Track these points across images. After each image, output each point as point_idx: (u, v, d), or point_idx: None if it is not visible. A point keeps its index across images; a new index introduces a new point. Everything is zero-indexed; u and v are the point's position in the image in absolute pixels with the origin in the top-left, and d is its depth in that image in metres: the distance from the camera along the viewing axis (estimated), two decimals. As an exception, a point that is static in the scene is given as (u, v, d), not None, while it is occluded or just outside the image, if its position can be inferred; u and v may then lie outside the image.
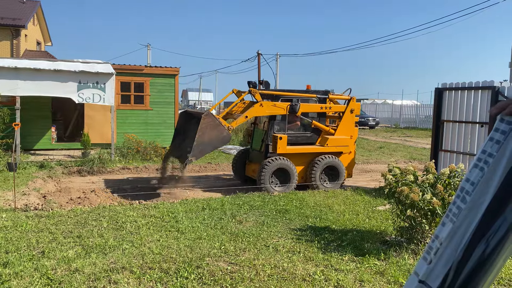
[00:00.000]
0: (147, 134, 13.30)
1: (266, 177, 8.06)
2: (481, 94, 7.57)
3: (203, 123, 7.60)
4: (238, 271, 4.16)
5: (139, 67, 13.66)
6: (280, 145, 8.16)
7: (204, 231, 5.39)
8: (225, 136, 7.81)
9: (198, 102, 43.96)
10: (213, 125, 7.72)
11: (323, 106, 8.74)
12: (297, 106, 8.23)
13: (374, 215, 6.38)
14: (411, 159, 13.55)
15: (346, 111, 8.87)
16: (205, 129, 7.60)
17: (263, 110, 8.28)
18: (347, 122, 8.86)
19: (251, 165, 9.12)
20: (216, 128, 7.73)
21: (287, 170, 8.24)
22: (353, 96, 9.08)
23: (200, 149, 7.63)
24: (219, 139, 7.80)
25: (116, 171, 10.67)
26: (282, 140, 8.18)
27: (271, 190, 8.08)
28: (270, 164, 8.10)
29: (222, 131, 7.77)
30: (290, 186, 8.27)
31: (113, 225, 5.63)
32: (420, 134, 24.43)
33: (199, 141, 7.54)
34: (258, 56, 21.74)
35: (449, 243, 0.86)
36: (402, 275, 4.12)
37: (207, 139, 7.65)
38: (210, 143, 7.73)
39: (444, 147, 8.31)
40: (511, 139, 0.83)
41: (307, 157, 8.59)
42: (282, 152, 8.22)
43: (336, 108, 9.00)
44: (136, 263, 4.28)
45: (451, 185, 4.75)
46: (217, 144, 7.92)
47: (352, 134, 8.90)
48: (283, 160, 8.20)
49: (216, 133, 7.72)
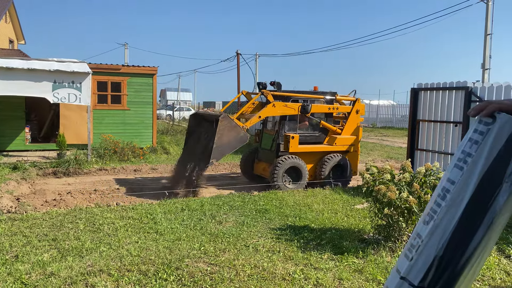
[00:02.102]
0: (125, 134, 13.10)
1: (279, 175, 8.31)
2: (455, 94, 7.76)
3: (221, 125, 7.82)
4: (218, 272, 4.14)
5: (116, 66, 13.44)
6: (292, 144, 8.45)
7: (183, 232, 5.35)
8: (242, 137, 8.02)
9: (177, 102, 43.58)
10: (230, 126, 7.96)
11: (330, 107, 9.08)
12: (309, 106, 8.50)
13: (353, 214, 6.46)
14: (388, 158, 13.78)
15: (352, 112, 9.26)
16: (223, 131, 7.83)
17: (275, 110, 8.55)
18: (352, 122, 9.25)
19: (260, 163, 9.37)
20: (233, 130, 7.97)
21: (298, 168, 8.53)
22: (358, 97, 9.48)
23: (220, 150, 7.84)
24: (237, 139, 8.01)
25: (93, 172, 10.47)
26: (294, 140, 8.47)
27: (284, 187, 8.35)
28: (283, 162, 8.36)
29: (239, 132, 8.00)
30: (301, 183, 8.55)
31: (90, 227, 5.52)
32: (397, 134, 24.88)
33: (218, 144, 7.77)
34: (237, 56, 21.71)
35: (429, 240, 0.87)
36: (380, 273, 4.18)
37: (226, 140, 7.88)
38: (229, 145, 7.96)
39: (420, 146, 8.49)
40: (488, 140, 0.85)
41: (316, 155, 8.90)
42: (294, 151, 8.49)
43: (343, 109, 9.39)
44: (114, 266, 4.21)
45: (427, 183, 4.85)
46: (236, 145, 8.06)
47: (358, 133, 9.29)
48: (295, 159, 8.48)
49: (234, 134, 7.96)
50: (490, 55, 18.01)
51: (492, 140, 0.85)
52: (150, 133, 13.82)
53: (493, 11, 17.81)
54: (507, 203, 0.86)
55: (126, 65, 14.48)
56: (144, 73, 13.68)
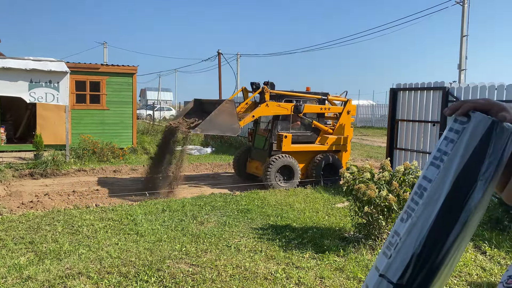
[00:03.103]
0: (104, 134, 12.90)
1: (272, 174, 8.40)
2: (433, 94, 7.92)
3: (224, 107, 7.91)
4: (200, 273, 4.12)
5: (95, 66, 13.23)
6: (285, 143, 8.56)
7: (164, 233, 5.30)
8: (235, 128, 7.99)
9: (157, 102, 43.16)
10: (231, 113, 7.98)
11: (322, 107, 9.25)
12: (302, 106, 8.64)
13: (333, 212, 6.52)
14: (368, 157, 13.96)
15: (343, 112, 9.45)
16: (222, 112, 7.86)
17: (268, 110, 8.62)
18: (344, 122, 9.43)
19: (253, 162, 9.45)
20: (231, 117, 7.97)
21: (291, 167, 8.63)
22: (349, 98, 9.67)
23: (210, 125, 7.81)
24: (229, 127, 7.96)
25: (71, 173, 10.28)
26: (287, 139, 8.59)
27: (277, 186, 8.45)
28: (276, 161, 8.44)
29: (235, 122, 7.99)
30: (294, 182, 8.65)
31: (68, 229, 5.42)
32: (376, 133, 25.22)
33: (213, 119, 7.77)
34: (219, 55, 21.64)
35: (407, 237, 0.89)
36: (360, 271, 4.23)
37: (220, 121, 7.85)
38: (220, 127, 7.91)
39: (399, 145, 8.63)
40: (464, 138, 0.87)
41: (308, 155, 9.02)
42: (286, 150, 8.60)
43: (335, 109, 9.58)
44: (93, 268, 4.15)
45: (406, 182, 4.93)
46: (225, 131, 8.03)
47: (348, 133, 9.46)
48: (288, 158, 8.57)
49: (229, 121, 7.94)
50: (466, 56, 18.43)
51: (467, 138, 0.87)
52: (130, 133, 13.64)
53: (469, 13, 18.24)
54: (482, 201, 0.88)
55: (105, 64, 14.27)
56: (124, 73, 13.50)
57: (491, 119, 0.88)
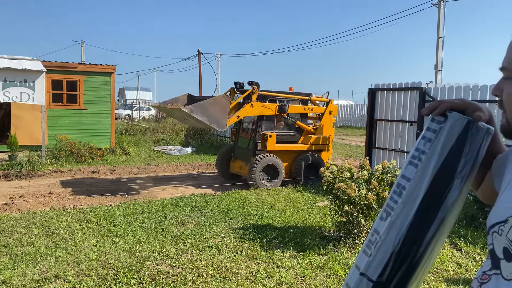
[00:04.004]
0: (82, 134, 12.66)
1: (257, 173, 8.44)
2: (410, 95, 8.06)
3: (220, 98, 8.03)
4: (180, 274, 4.09)
5: (72, 65, 12.97)
6: (270, 143, 8.64)
7: (144, 235, 5.24)
8: (222, 123, 7.86)
9: (136, 102, 42.63)
10: (224, 107, 7.97)
11: (306, 108, 9.37)
12: (286, 106, 8.75)
13: (314, 211, 6.57)
14: (347, 157, 14.11)
15: (326, 112, 9.59)
16: (217, 103, 7.87)
17: (253, 111, 8.65)
18: (326, 123, 9.55)
19: (236, 162, 9.47)
20: (223, 111, 7.92)
21: (275, 166, 8.70)
22: (331, 98, 9.83)
23: (198, 110, 7.62)
24: (216, 120, 7.82)
25: (47, 174, 10.05)
26: (271, 138, 8.66)
27: (262, 185, 8.49)
28: (261, 160, 8.49)
29: (224, 118, 7.91)
30: (278, 181, 8.70)
31: (44, 232, 5.30)
32: (355, 133, 25.53)
33: (205, 105, 7.70)
34: (199, 55, 21.53)
35: (387, 235, 0.90)
36: (341, 269, 4.28)
37: (211, 111, 7.76)
38: (208, 115, 7.74)
39: (377, 144, 8.75)
40: (441, 137, 0.89)
41: (292, 154, 9.12)
42: (271, 150, 8.68)
43: (317, 109, 9.69)
44: (70, 271, 4.07)
45: (384, 180, 5.01)
46: (212, 122, 7.78)
47: (330, 133, 9.60)
48: (272, 157, 8.63)
49: (220, 114, 7.87)
50: (442, 57, 18.84)
51: (444, 138, 0.89)
52: (108, 133, 13.43)
53: (445, 15, 18.65)
54: (458, 199, 0.90)
55: (83, 63, 14.01)
56: (102, 72, 13.28)
57: (467, 119, 0.90)
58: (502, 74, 0.90)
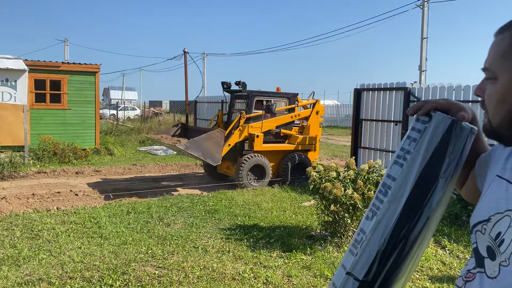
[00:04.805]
0: (65, 135, 12.48)
1: (244, 173, 8.46)
2: (395, 95, 8.15)
3: (214, 134, 8.18)
4: (167, 275, 4.06)
5: (56, 64, 12.77)
6: (257, 143, 8.65)
7: (129, 236, 5.19)
8: (216, 157, 8.05)
9: (121, 101, 42.20)
10: (218, 142, 8.17)
11: (293, 115, 9.44)
12: (273, 106, 8.79)
13: (300, 211, 6.59)
14: (333, 156, 14.20)
15: (312, 113, 9.63)
16: (210, 139, 8.07)
17: (243, 134, 8.72)
18: (313, 123, 9.60)
19: (224, 162, 9.41)
20: (217, 146, 8.13)
21: (262, 166, 8.72)
22: (318, 99, 9.93)
23: (193, 146, 7.84)
24: (211, 154, 8.02)
25: (30, 175, 9.88)
26: (258, 138, 8.67)
27: (249, 185, 8.51)
28: (248, 160, 8.51)
29: (218, 152, 8.10)
30: (265, 181, 8.72)
31: (27, 234, 5.21)
32: (341, 133, 25.70)
33: (199, 141, 7.90)
34: (185, 54, 21.40)
35: (373, 235, 0.90)
36: (327, 268, 4.30)
37: (205, 146, 7.98)
38: (203, 150, 7.95)
39: (363, 144, 8.83)
40: (426, 137, 0.89)
41: (279, 154, 9.15)
42: (258, 150, 8.70)
43: (304, 113, 9.75)
44: (54, 274, 4.00)
45: (370, 180, 5.05)
46: (206, 156, 7.99)
47: (317, 133, 9.66)
48: (259, 157, 8.65)
49: (214, 149, 8.07)
50: (426, 57, 19.09)
51: (428, 137, 0.89)
52: (92, 134, 13.27)
53: (428, 16, 18.90)
54: (443, 198, 0.91)
55: (67, 62, 13.81)
56: (86, 71, 13.11)
57: (451, 119, 0.90)
58: (484, 74, 0.92)
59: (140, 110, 37.96)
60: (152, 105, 56.65)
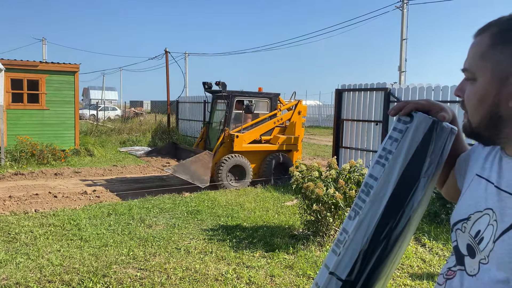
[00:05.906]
0: (44, 136, 12.22)
1: (224, 174, 8.39)
2: (375, 95, 8.25)
3: (202, 156, 8.17)
4: (148, 277, 4.01)
5: (33, 63, 12.49)
6: (237, 143, 8.56)
7: (110, 238, 5.11)
8: (204, 179, 8.02)
9: (101, 101, 41.59)
10: (206, 164, 8.15)
11: (275, 121, 9.40)
12: (253, 106, 8.75)
13: (283, 211, 6.60)
14: (315, 156, 14.29)
15: (294, 113, 9.61)
16: (199, 161, 8.08)
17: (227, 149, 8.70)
18: (295, 123, 9.58)
19: None
20: (205, 168, 8.12)
21: (243, 167, 8.65)
22: (300, 99, 9.95)
23: (181, 169, 7.91)
24: (199, 177, 8.00)
25: (7, 177, 9.64)
26: (238, 139, 8.58)
27: (229, 186, 8.45)
28: (227, 161, 8.44)
29: (206, 174, 8.09)
30: (245, 182, 8.66)
31: (4, 237, 5.08)
32: (323, 133, 25.89)
33: (186, 165, 7.94)
34: (166, 54, 21.20)
35: (355, 234, 0.91)
36: (310, 267, 4.32)
37: (193, 169, 8.00)
38: (191, 173, 7.98)
39: (344, 144, 8.91)
40: (407, 137, 0.90)
41: (260, 154, 9.10)
42: (238, 150, 8.61)
43: (286, 116, 9.73)
44: (32, 278, 3.91)
45: (352, 179, 5.10)
46: (194, 179, 7.97)
47: (300, 133, 9.62)
48: (239, 158, 8.59)
49: (202, 171, 8.06)
50: (406, 58, 19.40)
51: (410, 137, 0.90)
52: (72, 134, 13.03)
53: (408, 17, 19.20)
54: (424, 197, 0.92)
55: (45, 61, 13.51)
56: (65, 71, 12.87)
57: (432, 119, 0.92)
58: (464, 75, 0.93)
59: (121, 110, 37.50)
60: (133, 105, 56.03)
